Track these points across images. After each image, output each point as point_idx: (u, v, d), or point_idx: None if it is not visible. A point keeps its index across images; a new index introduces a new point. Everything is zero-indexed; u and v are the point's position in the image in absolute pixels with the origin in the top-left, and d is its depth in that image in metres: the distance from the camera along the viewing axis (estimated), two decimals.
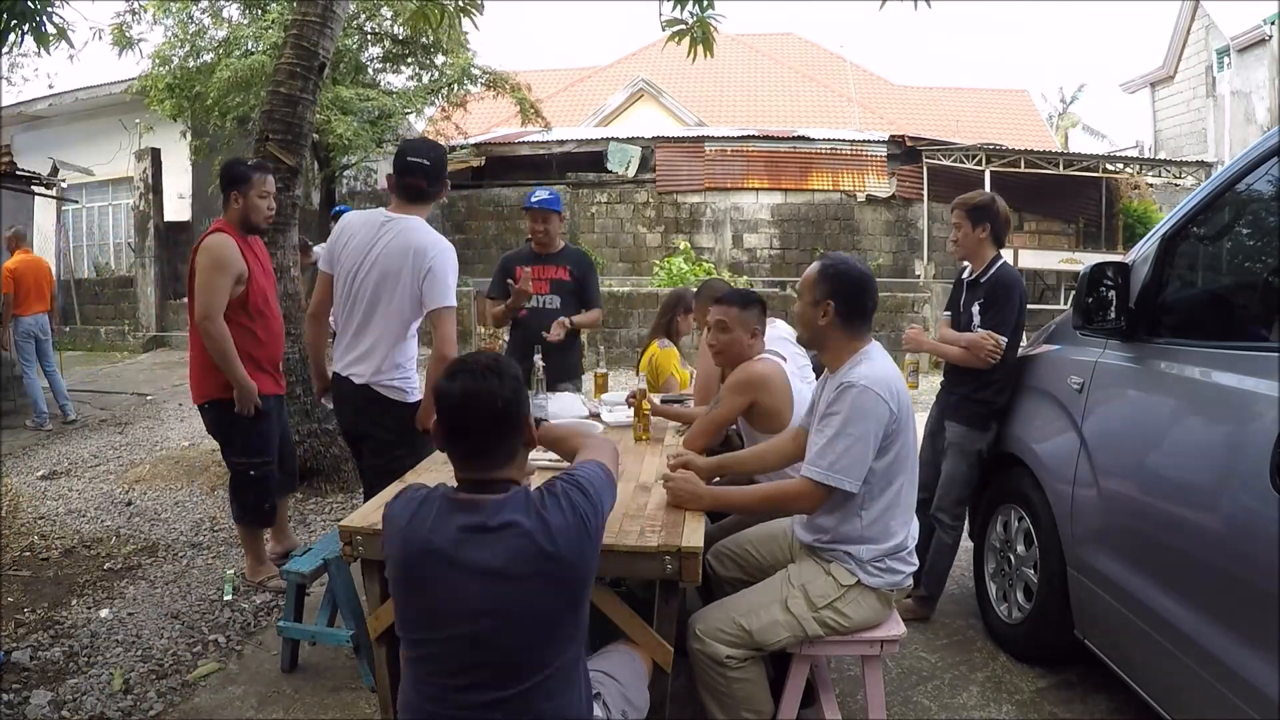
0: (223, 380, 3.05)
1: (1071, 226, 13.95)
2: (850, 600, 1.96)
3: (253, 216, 3.15)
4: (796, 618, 1.94)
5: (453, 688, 1.38)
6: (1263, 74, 14.69)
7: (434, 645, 1.40)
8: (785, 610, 1.96)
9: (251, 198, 3.12)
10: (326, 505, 4.49)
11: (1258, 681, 1.65)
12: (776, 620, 1.95)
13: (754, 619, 1.95)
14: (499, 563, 1.36)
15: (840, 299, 1.99)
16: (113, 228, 13.91)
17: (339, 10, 4.62)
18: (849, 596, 1.96)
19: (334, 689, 2.59)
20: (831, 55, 21.13)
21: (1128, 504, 2.23)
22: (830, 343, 2.05)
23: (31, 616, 3.07)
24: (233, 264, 3.02)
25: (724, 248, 13.52)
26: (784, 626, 1.94)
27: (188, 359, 3.27)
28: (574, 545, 1.39)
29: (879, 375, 1.93)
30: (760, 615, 1.96)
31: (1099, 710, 2.49)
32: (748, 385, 2.48)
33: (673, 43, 4.50)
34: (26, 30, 3.46)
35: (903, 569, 2.01)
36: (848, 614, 1.96)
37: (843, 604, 1.96)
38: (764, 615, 1.95)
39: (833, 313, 1.99)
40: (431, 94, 11.73)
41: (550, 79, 18.82)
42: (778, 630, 1.94)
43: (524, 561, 1.36)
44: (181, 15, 10.14)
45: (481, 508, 1.40)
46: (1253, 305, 2.20)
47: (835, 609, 1.96)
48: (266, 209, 3.18)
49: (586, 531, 1.41)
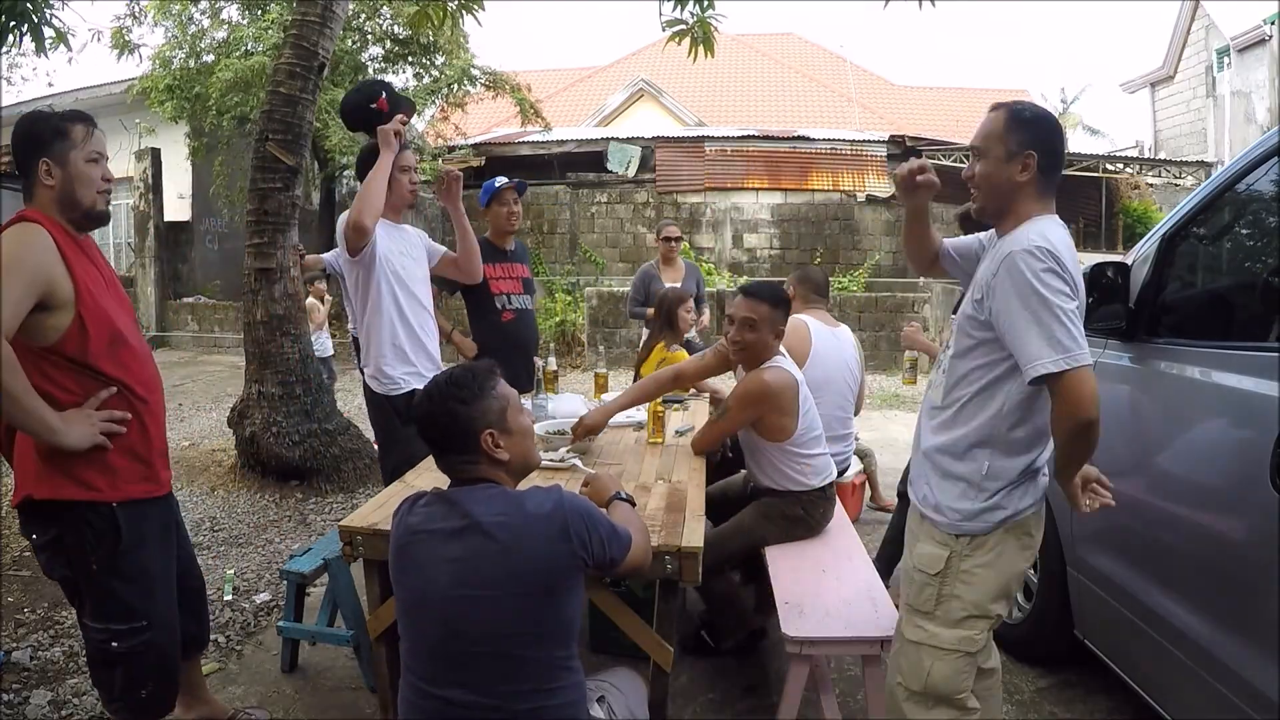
0: (57, 468, 1.73)
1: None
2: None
3: (80, 193, 1.82)
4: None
5: (436, 682, 1.43)
6: (1263, 74, 14.69)
7: (414, 635, 1.47)
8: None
9: (74, 163, 1.80)
10: (326, 505, 4.49)
11: (1258, 681, 1.65)
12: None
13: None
14: (462, 553, 1.42)
15: (1044, 150, 1.64)
16: (113, 228, 13.88)
17: (339, 10, 4.62)
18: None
19: (334, 689, 2.59)
20: (831, 55, 21.14)
21: (1128, 504, 2.22)
22: (1020, 207, 1.66)
23: (31, 616, 3.07)
24: (32, 270, 1.68)
25: (724, 248, 13.51)
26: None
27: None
28: (541, 536, 1.42)
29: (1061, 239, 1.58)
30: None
31: (1099, 710, 2.49)
32: (759, 399, 2.47)
33: (673, 43, 4.51)
34: (25, 31, 3.46)
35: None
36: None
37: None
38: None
39: (1034, 166, 1.63)
40: (431, 94, 11.74)
41: (550, 79, 18.83)
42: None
43: (488, 549, 1.41)
44: (181, 17, 10.14)
45: (457, 500, 1.48)
46: (1253, 305, 2.20)
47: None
48: (102, 180, 1.87)
49: (566, 533, 1.43)
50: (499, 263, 3.52)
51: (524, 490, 1.53)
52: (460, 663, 1.41)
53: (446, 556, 1.43)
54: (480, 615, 1.40)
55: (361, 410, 7.12)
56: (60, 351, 1.72)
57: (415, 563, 1.46)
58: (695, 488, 2.31)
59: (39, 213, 1.78)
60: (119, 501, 1.80)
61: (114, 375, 1.80)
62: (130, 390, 1.83)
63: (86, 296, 1.74)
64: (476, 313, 3.55)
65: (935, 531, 1.72)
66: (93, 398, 1.77)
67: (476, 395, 1.52)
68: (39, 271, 1.68)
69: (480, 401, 1.52)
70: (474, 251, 3.15)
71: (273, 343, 4.67)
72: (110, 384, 1.79)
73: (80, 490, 1.75)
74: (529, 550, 1.41)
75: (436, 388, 1.54)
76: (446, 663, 1.42)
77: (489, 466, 1.53)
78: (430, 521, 1.47)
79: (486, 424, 1.51)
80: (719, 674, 2.66)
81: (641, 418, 3.04)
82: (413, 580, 1.46)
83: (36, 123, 1.81)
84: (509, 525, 1.42)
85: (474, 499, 1.47)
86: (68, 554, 1.79)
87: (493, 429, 1.52)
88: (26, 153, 1.80)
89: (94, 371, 1.77)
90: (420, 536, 1.46)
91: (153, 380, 1.93)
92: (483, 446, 1.51)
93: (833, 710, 2.26)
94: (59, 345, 1.72)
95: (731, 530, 2.63)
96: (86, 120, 1.86)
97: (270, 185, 4.54)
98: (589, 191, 13.81)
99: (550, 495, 1.48)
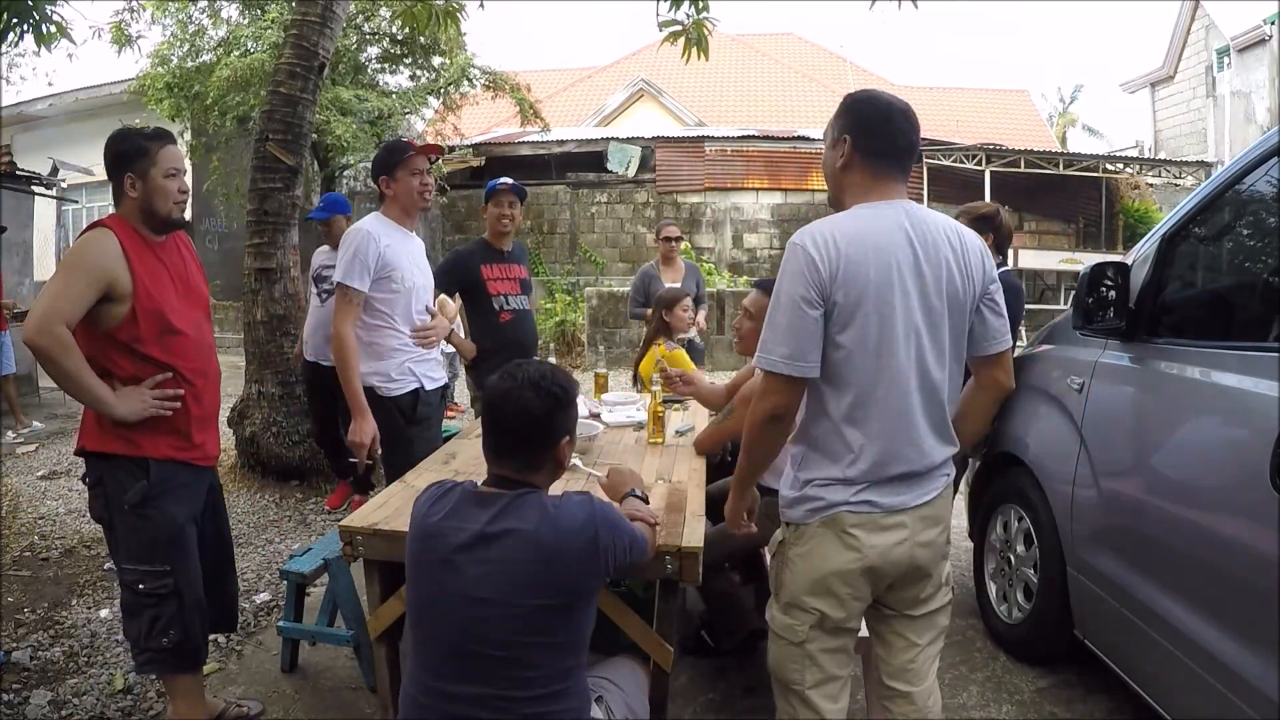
0: (107, 428, 2.03)
1: (1071, 226, 13.95)
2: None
3: (157, 204, 2.09)
4: None
5: (444, 680, 1.41)
6: (1263, 74, 14.69)
7: (428, 633, 1.44)
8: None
9: (154, 178, 2.08)
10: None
11: (1258, 681, 1.65)
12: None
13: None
14: (495, 555, 1.39)
15: (858, 133, 1.62)
16: None
17: (339, 10, 4.63)
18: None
19: (334, 689, 2.60)
20: (831, 55, 21.13)
21: (1128, 504, 2.23)
22: (847, 193, 1.63)
23: (31, 616, 3.07)
24: (93, 269, 1.97)
25: (724, 248, 13.51)
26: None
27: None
28: (574, 550, 1.40)
29: (823, 226, 1.52)
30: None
31: (1099, 710, 2.49)
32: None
33: (669, 43, 4.51)
34: (26, 28, 3.46)
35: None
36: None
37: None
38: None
39: (848, 149, 1.61)
40: (430, 94, 11.73)
41: (550, 79, 18.82)
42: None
43: (519, 559, 1.38)
44: (180, 15, 10.13)
45: (493, 502, 1.44)
46: (1252, 305, 2.20)
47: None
48: (179, 192, 2.12)
49: (595, 546, 1.42)
50: (496, 264, 3.51)
51: (558, 498, 1.48)
52: (472, 664, 1.39)
53: (476, 559, 1.39)
54: (502, 621, 1.37)
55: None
56: (114, 336, 2.01)
57: (439, 560, 1.42)
58: (695, 488, 2.31)
59: (117, 218, 2.09)
60: (155, 459, 2.07)
61: (162, 359, 2.07)
62: (179, 373, 2.10)
63: (142, 292, 2.02)
64: (475, 314, 3.55)
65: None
66: (149, 379, 2.04)
67: (572, 400, 1.51)
68: (100, 270, 1.97)
69: (573, 408, 1.52)
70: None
71: (273, 343, 4.67)
72: (160, 367, 2.07)
73: (123, 445, 2.05)
74: (562, 562, 1.39)
75: (542, 380, 1.47)
76: (458, 663, 1.40)
77: (547, 470, 1.51)
78: (460, 520, 1.43)
79: (567, 431, 1.51)
80: (719, 674, 2.66)
81: (642, 418, 3.04)
82: (434, 578, 1.43)
83: (123, 140, 2.11)
84: (544, 536, 1.39)
85: (510, 504, 1.43)
86: (106, 495, 2.08)
87: (569, 437, 1.52)
88: (114, 167, 2.10)
89: (143, 355, 2.04)
90: (447, 535, 1.42)
91: (204, 368, 2.19)
92: (557, 453, 1.49)
93: None
94: (114, 331, 2.00)
95: (728, 530, 2.63)
96: (166, 138, 2.15)
97: (270, 185, 4.54)
98: (589, 191, 13.81)
99: (583, 506, 1.45)
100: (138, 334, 2.02)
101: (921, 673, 1.71)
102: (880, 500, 1.56)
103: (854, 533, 1.57)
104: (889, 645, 1.72)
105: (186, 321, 2.13)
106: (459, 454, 2.67)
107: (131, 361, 2.04)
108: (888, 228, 1.53)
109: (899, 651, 1.71)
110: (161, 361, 2.07)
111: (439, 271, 3.67)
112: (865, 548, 1.56)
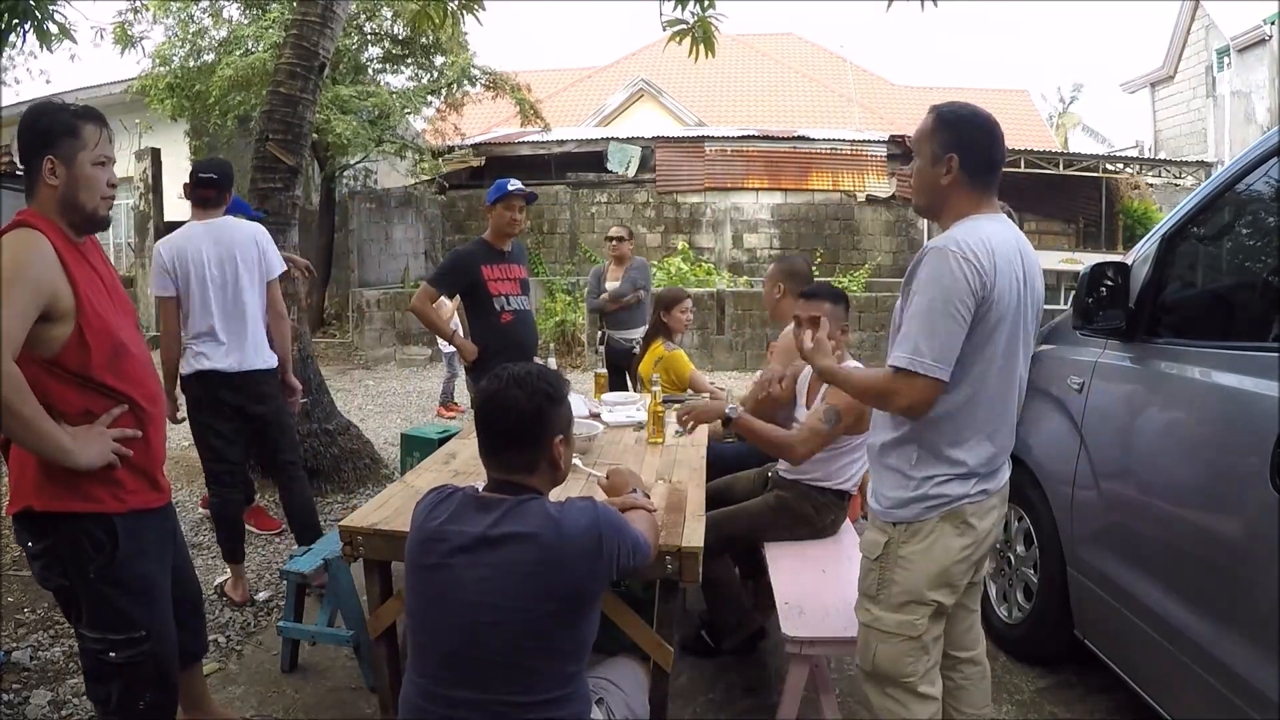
0: (59, 480, 1.65)
1: (1071, 226, 13.96)
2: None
3: (83, 197, 1.70)
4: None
5: (444, 683, 1.41)
6: (1263, 74, 14.68)
7: (429, 636, 1.43)
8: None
9: (81, 164, 1.68)
10: (327, 505, 4.48)
11: (1258, 681, 1.65)
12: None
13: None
14: (497, 559, 1.38)
15: (966, 151, 1.66)
16: (113, 228, 13.91)
17: (339, 10, 4.62)
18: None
19: (334, 689, 2.59)
20: (831, 55, 21.13)
21: (1128, 504, 2.23)
22: (951, 207, 1.70)
23: (31, 616, 3.07)
24: (34, 282, 1.58)
25: (724, 248, 13.51)
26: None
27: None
28: (578, 554, 1.40)
29: (968, 237, 1.59)
30: None
31: (1099, 710, 2.49)
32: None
33: (673, 43, 4.52)
34: (29, 29, 3.47)
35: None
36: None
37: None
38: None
39: (956, 168, 1.66)
40: (431, 94, 11.74)
41: (550, 79, 18.82)
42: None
43: (522, 563, 1.37)
44: (182, 15, 10.14)
45: (495, 507, 1.43)
46: (1252, 305, 2.20)
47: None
48: (108, 185, 1.74)
49: (599, 551, 1.42)
50: (497, 264, 3.51)
51: (562, 503, 1.47)
52: (472, 668, 1.38)
53: (478, 563, 1.38)
54: (504, 626, 1.37)
55: (362, 410, 7.14)
56: (61, 364, 1.64)
57: (441, 565, 1.41)
58: (695, 488, 2.31)
59: (39, 216, 1.67)
60: (120, 514, 1.73)
61: (116, 388, 1.71)
62: (134, 403, 1.75)
63: (87, 308, 1.65)
64: (475, 314, 3.55)
65: (876, 519, 1.78)
66: (105, 415, 1.69)
67: (562, 398, 1.50)
68: (42, 283, 1.58)
69: (563, 405, 1.50)
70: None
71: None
72: (113, 396, 1.70)
73: (83, 503, 1.68)
74: (566, 568, 1.38)
75: (529, 377, 1.46)
76: (458, 667, 1.39)
77: (542, 472, 1.50)
78: (463, 524, 1.42)
79: (559, 429, 1.49)
80: (719, 674, 2.66)
81: (642, 418, 3.04)
82: (435, 581, 1.42)
83: (46, 115, 1.67)
84: (548, 541, 1.38)
85: (513, 509, 1.42)
86: (64, 563, 1.72)
87: (563, 436, 1.51)
88: (32, 147, 1.67)
89: (96, 384, 1.68)
90: (449, 539, 1.41)
91: (155, 392, 1.85)
92: (551, 452, 1.48)
93: (833, 710, 2.26)
94: (59, 358, 1.63)
95: (738, 512, 2.65)
96: (98, 119, 1.73)
97: (270, 185, 4.54)
98: (589, 191, 13.80)
99: (586, 511, 1.44)
100: (88, 360, 1.65)
101: (978, 635, 1.93)
102: (989, 488, 1.71)
103: (971, 521, 1.69)
104: (952, 617, 1.83)
105: (131, 338, 1.77)
106: (459, 454, 2.67)
107: (80, 394, 1.66)
108: (1009, 240, 1.65)
109: (960, 620, 1.87)
110: (117, 390, 1.70)
111: (440, 272, 3.68)
112: (980, 533, 1.70)
